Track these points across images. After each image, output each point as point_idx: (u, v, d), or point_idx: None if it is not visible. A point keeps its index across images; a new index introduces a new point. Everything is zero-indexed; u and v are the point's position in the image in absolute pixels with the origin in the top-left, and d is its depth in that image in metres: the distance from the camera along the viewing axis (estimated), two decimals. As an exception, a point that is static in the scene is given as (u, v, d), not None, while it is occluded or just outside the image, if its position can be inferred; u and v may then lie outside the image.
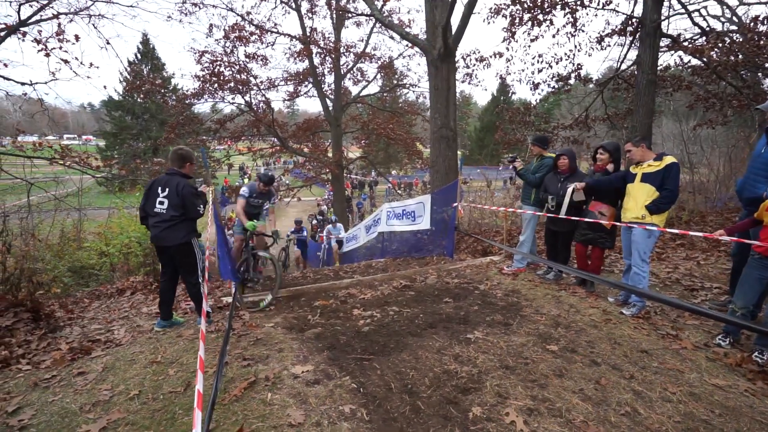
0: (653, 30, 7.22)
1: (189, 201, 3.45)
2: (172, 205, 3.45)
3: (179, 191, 3.44)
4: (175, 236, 3.46)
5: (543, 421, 2.19)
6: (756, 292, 2.94)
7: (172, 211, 3.44)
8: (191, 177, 3.70)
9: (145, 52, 31.41)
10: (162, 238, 3.48)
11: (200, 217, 3.57)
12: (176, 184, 3.46)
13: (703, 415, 2.24)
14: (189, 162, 3.67)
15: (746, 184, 3.31)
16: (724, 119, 8.72)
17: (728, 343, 3.04)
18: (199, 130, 15.95)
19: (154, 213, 3.48)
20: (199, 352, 1.82)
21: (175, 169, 3.60)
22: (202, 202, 3.57)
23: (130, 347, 3.24)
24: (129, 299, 5.19)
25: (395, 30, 9.11)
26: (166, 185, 3.48)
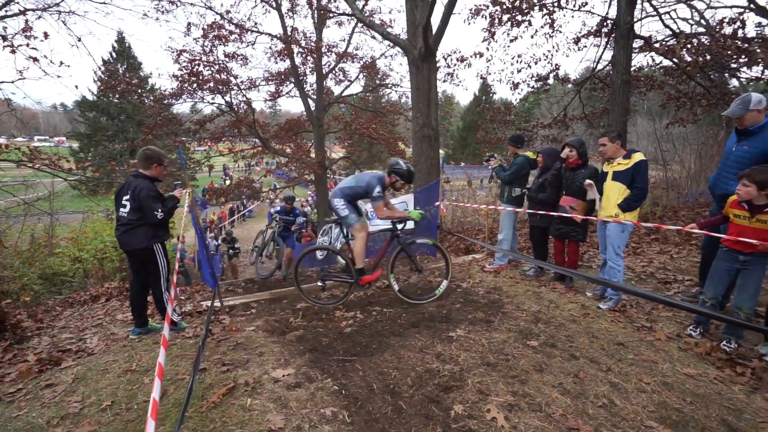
0: (627, 31, 7.42)
1: (146, 204, 3.30)
2: (132, 209, 3.33)
3: (136, 194, 3.31)
4: (135, 240, 3.33)
5: (523, 416, 2.21)
6: (724, 284, 3.05)
7: (132, 214, 3.33)
8: (159, 179, 3.56)
9: (120, 50, 30.51)
10: (122, 242, 3.36)
11: (159, 222, 3.38)
12: (135, 186, 3.34)
13: (675, 404, 2.30)
14: (155, 163, 3.50)
15: (718, 180, 3.43)
16: (694, 118, 9.04)
17: (699, 333, 3.15)
18: (177, 131, 15.57)
19: (118, 217, 3.38)
20: (158, 359, 1.76)
21: (139, 171, 3.46)
22: (163, 207, 3.40)
23: (103, 356, 3.12)
24: (103, 306, 5.01)
25: (376, 30, 9.09)
26: (128, 188, 3.37)
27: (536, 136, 11.10)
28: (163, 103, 15.00)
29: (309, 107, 15.91)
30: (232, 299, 4.69)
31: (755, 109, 3.13)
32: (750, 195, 2.74)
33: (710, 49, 7.19)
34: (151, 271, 3.46)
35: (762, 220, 2.75)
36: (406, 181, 4.17)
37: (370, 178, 4.04)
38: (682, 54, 7.47)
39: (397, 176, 4.08)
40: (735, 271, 2.96)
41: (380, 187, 3.98)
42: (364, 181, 4.04)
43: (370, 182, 4.00)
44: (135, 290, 3.54)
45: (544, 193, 4.43)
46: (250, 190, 16.66)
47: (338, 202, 4.08)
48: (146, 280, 3.52)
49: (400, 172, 4.07)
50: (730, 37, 6.94)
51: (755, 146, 3.16)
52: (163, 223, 3.46)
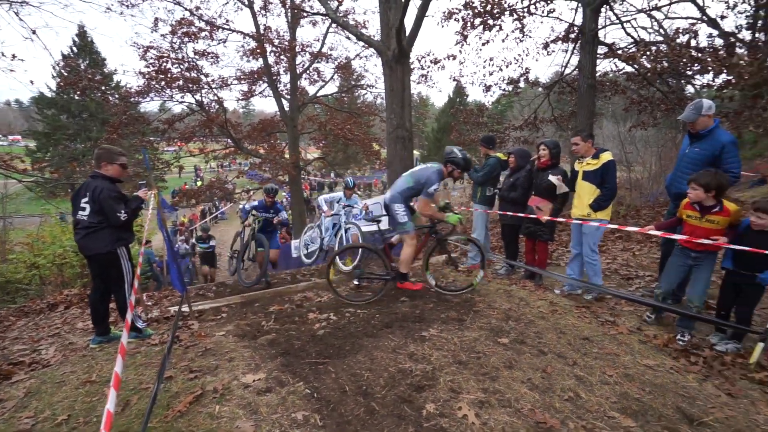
0: (591, 38, 7.74)
1: (107, 206, 3.15)
2: (93, 211, 3.17)
3: (95, 196, 3.15)
4: (97, 244, 3.17)
5: (493, 412, 2.25)
6: (677, 278, 3.26)
7: (93, 217, 3.16)
8: (120, 180, 3.41)
9: (82, 45, 29.01)
10: (83, 247, 3.19)
11: (122, 223, 3.23)
12: (94, 187, 3.18)
13: (635, 394, 2.41)
14: (104, 161, 3.30)
15: (674, 180, 3.63)
16: (655, 121, 9.54)
17: (654, 319, 3.40)
18: (145, 130, 14.98)
19: (76, 220, 3.21)
20: (115, 368, 1.68)
21: (97, 172, 3.29)
22: (126, 208, 3.26)
23: (59, 368, 2.96)
24: (62, 315, 4.75)
25: (350, 30, 9.08)
26: (86, 190, 3.20)
27: (508, 138, 11.39)
28: (129, 101, 14.41)
29: (283, 107, 15.69)
30: (201, 304, 4.55)
31: (706, 114, 3.35)
32: (699, 197, 2.94)
33: (667, 57, 7.60)
34: (114, 276, 3.30)
35: (711, 219, 2.96)
36: (463, 169, 3.96)
37: (430, 174, 3.84)
38: (642, 61, 7.86)
39: (453, 165, 3.89)
40: (688, 267, 3.17)
41: (439, 182, 3.83)
42: (424, 177, 3.87)
43: (430, 178, 3.83)
44: (96, 297, 3.37)
45: (516, 192, 4.55)
46: (222, 191, 16.25)
47: (399, 207, 3.91)
48: (108, 286, 3.36)
49: (456, 161, 3.88)
50: (684, 46, 7.35)
51: (706, 148, 3.38)
52: (126, 225, 3.31)
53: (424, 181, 3.85)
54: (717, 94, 7.64)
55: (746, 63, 6.95)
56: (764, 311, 3.33)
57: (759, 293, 2.94)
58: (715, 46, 7.77)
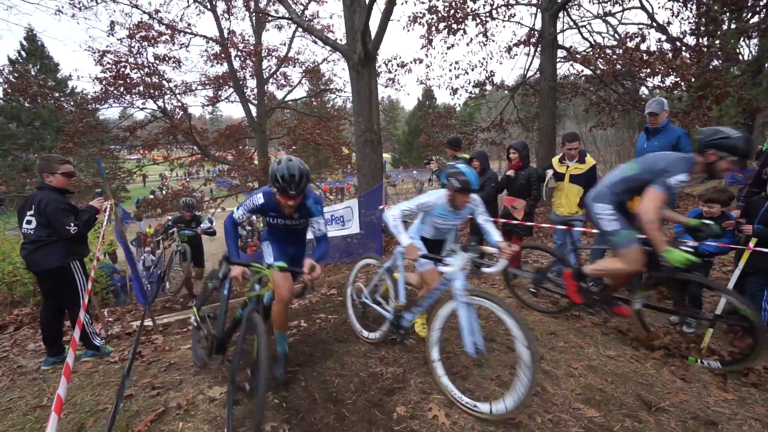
0: (551, 42, 8.04)
1: (55, 218, 2.97)
2: (39, 224, 2.98)
3: (41, 208, 2.97)
4: (46, 260, 2.98)
5: (463, 412, 2.27)
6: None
7: (40, 231, 2.98)
8: (68, 190, 3.22)
9: (31, 49, 27.40)
10: (30, 262, 2.99)
11: (72, 237, 3.05)
12: (40, 200, 2.99)
13: (599, 385, 2.50)
14: (45, 172, 3.09)
15: None
16: (613, 122, 10.02)
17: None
18: (104, 138, 14.30)
19: (23, 234, 3.01)
20: (58, 390, 1.58)
21: (44, 183, 3.09)
22: (77, 220, 3.09)
23: (6, 393, 2.75)
24: (11, 336, 4.43)
25: (315, 34, 9.03)
26: (32, 202, 3.01)
27: (476, 140, 11.64)
28: (85, 108, 13.70)
29: (250, 112, 15.40)
30: (167, 317, 4.38)
31: (667, 109, 3.80)
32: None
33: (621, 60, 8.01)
34: (68, 292, 3.11)
35: None
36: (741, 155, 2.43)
37: (673, 160, 2.56)
38: (598, 63, 8.24)
39: (722, 151, 2.44)
40: None
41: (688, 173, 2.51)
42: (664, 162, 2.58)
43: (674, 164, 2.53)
44: (48, 316, 3.15)
45: (482, 191, 4.65)
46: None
47: (603, 208, 2.76)
48: (61, 304, 3.16)
49: (727, 145, 2.43)
50: (634, 49, 7.77)
51: (664, 141, 3.74)
52: (79, 237, 3.13)
53: (664, 167, 2.55)
54: (667, 95, 8.12)
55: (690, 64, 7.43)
56: (713, 299, 3.54)
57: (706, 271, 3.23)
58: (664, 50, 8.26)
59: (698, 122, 7.64)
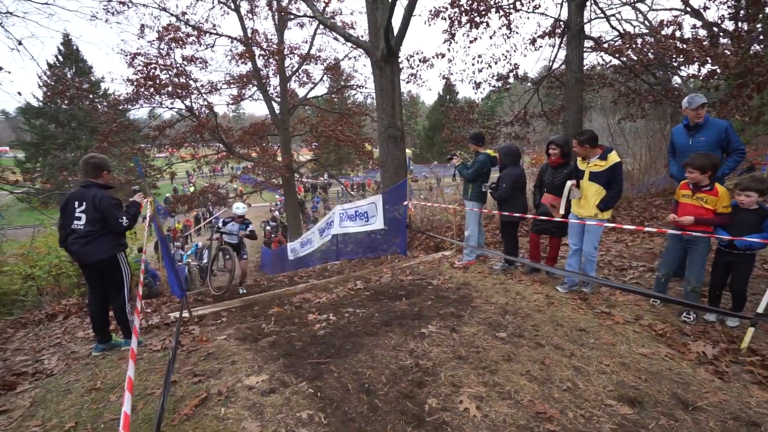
0: (578, 32, 7.82)
1: (109, 213, 3.19)
2: (89, 220, 3.18)
3: (96, 204, 3.17)
4: (98, 251, 3.19)
5: (494, 405, 2.31)
6: (675, 260, 3.45)
7: (90, 225, 3.17)
8: (111, 186, 3.43)
9: (67, 54, 28.76)
10: (82, 255, 3.19)
11: (124, 229, 3.29)
12: (93, 196, 3.19)
13: (632, 382, 2.48)
14: (105, 170, 3.38)
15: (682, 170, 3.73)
16: (643, 113, 9.66)
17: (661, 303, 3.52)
18: (135, 137, 14.90)
19: (71, 230, 3.20)
20: (128, 372, 1.72)
21: (90, 181, 3.31)
22: (127, 214, 3.30)
23: (63, 376, 2.96)
24: (62, 324, 4.73)
25: (338, 31, 9.10)
26: (82, 199, 3.20)
27: (499, 134, 11.47)
28: (118, 109, 14.30)
29: (273, 110, 15.67)
30: (201, 309, 4.57)
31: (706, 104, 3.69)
32: (697, 179, 3.13)
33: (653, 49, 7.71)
34: (113, 282, 3.32)
35: (700, 197, 3.14)
36: None
37: None
38: (629, 53, 7.97)
39: None
40: (683, 249, 3.34)
41: None
42: None
43: None
44: (95, 306, 3.37)
45: (498, 191, 4.63)
46: (216, 196, 16.20)
47: None
48: (106, 294, 3.37)
49: None
50: (669, 37, 7.46)
51: (710, 135, 3.66)
52: (125, 231, 3.35)
53: None
54: (703, 84, 7.77)
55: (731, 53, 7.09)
56: (755, 297, 3.42)
57: (749, 266, 3.11)
58: (699, 37, 7.90)
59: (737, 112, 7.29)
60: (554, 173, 4.24)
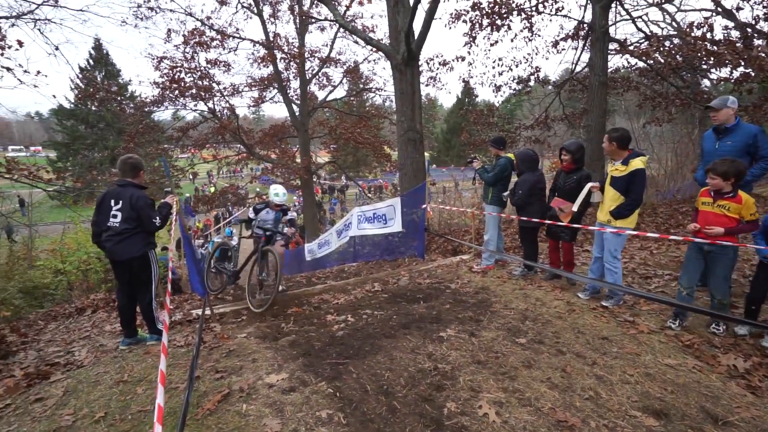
0: (602, 35, 7.67)
1: (144, 213, 3.32)
2: (125, 218, 3.30)
3: (133, 203, 3.30)
4: (131, 249, 3.32)
5: (514, 411, 2.28)
6: (696, 271, 3.22)
7: (125, 224, 3.30)
8: (145, 187, 3.56)
9: (98, 58, 29.92)
10: (116, 252, 3.32)
11: (156, 229, 3.42)
12: (130, 195, 3.32)
13: (657, 393, 2.41)
14: (141, 170, 3.55)
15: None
16: (669, 117, 9.38)
17: (678, 325, 3.26)
18: (160, 138, 15.36)
19: (106, 227, 3.33)
20: (160, 366, 1.78)
21: (127, 180, 3.44)
22: (159, 214, 3.43)
23: (93, 368, 3.08)
24: (90, 318, 4.92)
25: (359, 35, 9.18)
26: (119, 197, 3.33)
27: (519, 138, 11.34)
28: (144, 111, 14.79)
29: (293, 112, 15.90)
30: (222, 307, 4.67)
31: (731, 106, 3.50)
32: (718, 186, 2.99)
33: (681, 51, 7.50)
34: (142, 279, 3.45)
35: (721, 204, 2.99)
36: None
37: None
38: (656, 56, 7.77)
39: None
40: (702, 259, 3.16)
41: None
42: None
43: None
44: (124, 301, 3.50)
45: (515, 197, 4.57)
46: (235, 196, 16.52)
47: None
48: (134, 291, 3.49)
49: None
50: (699, 39, 7.24)
51: (737, 140, 3.51)
52: (157, 231, 3.47)
53: None
54: (735, 87, 7.50)
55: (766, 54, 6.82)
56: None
57: None
58: (732, 39, 7.63)
59: (771, 117, 7.00)
60: (566, 178, 4.17)
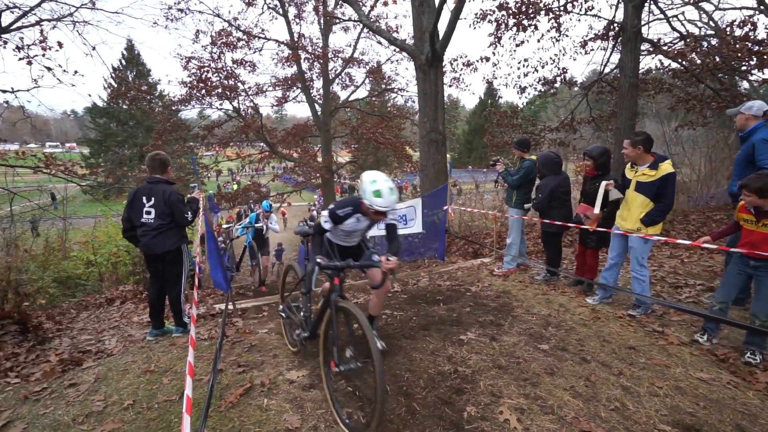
0: (634, 35, 7.42)
1: (177, 209, 3.42)
2: (159, 214, 3.41)
3: (166, 199, 3.40)
4: (165, 243, 3.43)
5: (536, 419, 2.23)
6: (735, 288, 3.03)
7: (160, 219, 3.41)
8: (174, 182, 3.67)
9: (130, 58, 31.08)
10: (151, 246, 3.43)
11: (188, 224, 3.53)
12: (162, 192, 3.42)
13: (688, 408, 2.31)
14: (169, 166, 3.65)
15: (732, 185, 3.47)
16: (704, 121, 8.99)
17: (707, 339, 3.08)
18: (186, 136, 15.80)
19: (140, 223, 3.44)
20: (188, 357, 1.83)
21: (157, 177, 3.54)
22: (190, 209, 3.53)
23: (122, 357, 3.20)
24: (119, 309, 5.11)
25: (383, 35, 9.20)
26: (151, 194, 3.43)
27: (543, 140, 11.10)
28: (172, 109, 15.24)
29: (316, 112, 16.07)
30: (243, 302, 4.76)
31: (745, 113, 3.35)
32: (754, 203, 2.74)
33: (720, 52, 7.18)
34: (174, 273, 3.56)
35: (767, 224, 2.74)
36: None
37: None
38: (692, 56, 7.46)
39: None
40: (745, 275, 2.94)
41: None
42: None
43: None
44: (154, 294, 3.62)
45: (537, 199, 4.48)
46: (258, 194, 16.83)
47: None
48: (164, 284, 3.60)
49: None
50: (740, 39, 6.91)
51: (744, 149, 3.36)
52: (188, 225, 3.58)
53: None
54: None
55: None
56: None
57: None
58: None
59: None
60: (591, 183, 4.05)
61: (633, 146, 3.46)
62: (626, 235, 3.64)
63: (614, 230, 3.75)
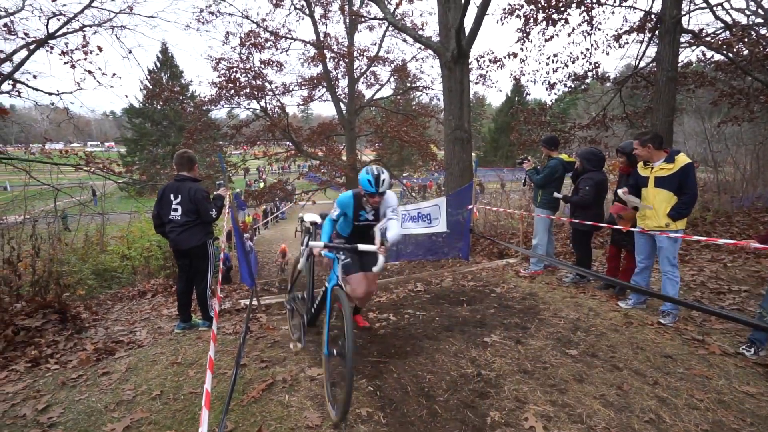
0: (673, 26, 7.02)
1: (202, 206, 3.51)
2: (185, 211, 3.51)
3: (192, 196, 3.49)
4: (192, 239, 3.53)
5: (563, 427, 2.14)
6: None
7: (186, 216, 3.51)
8: (200, 180, 3.76)
9: (164, 60, 32.32)
10: (179, 242, 3.54)
11: (212, 220, 3.61)
12: (188, 189, 3.52)
13: (733, 424, 2.16)
14: (196, 164, 3.75)
15: None
16: (751, 116, 8.41)
17: (754, 352, 2.86)
18: (216, 135, 16.28)
19: (168, 219, 3.55)
20: (209, 353, 1.85)
21: (184, 175, 3.64)
22: (215, 206, 3.61)
23: (151, 348, 3.31)
24: (150, 301, 5.31)
25: (408, 33, 9.13)
26: (178, 192, 3.53)
27: (573, 138, 10.72)
28: (202, 109, 15.73)
29: (341, 111, 16.18)
30: (268, 298, 4.83)
31: None
32: None
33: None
34: (200, 268, 3.66)
35: None
36: None
37: None
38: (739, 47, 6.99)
39: None
40: None
41: None
42: None
43: None
44: (182, 288, 3.73)
45: (576, 195, 4.30)
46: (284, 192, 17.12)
47: None
48: (192, 278, 3.70)
49: None
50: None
51: None
52: (213, 221, 3.67)
53: None
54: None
55: None
56: None
57: None
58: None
59: None
60: (625, 182, 3.86)
61: (642, 146, 3.39)
62: (652, 236, 3.48)
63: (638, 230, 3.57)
